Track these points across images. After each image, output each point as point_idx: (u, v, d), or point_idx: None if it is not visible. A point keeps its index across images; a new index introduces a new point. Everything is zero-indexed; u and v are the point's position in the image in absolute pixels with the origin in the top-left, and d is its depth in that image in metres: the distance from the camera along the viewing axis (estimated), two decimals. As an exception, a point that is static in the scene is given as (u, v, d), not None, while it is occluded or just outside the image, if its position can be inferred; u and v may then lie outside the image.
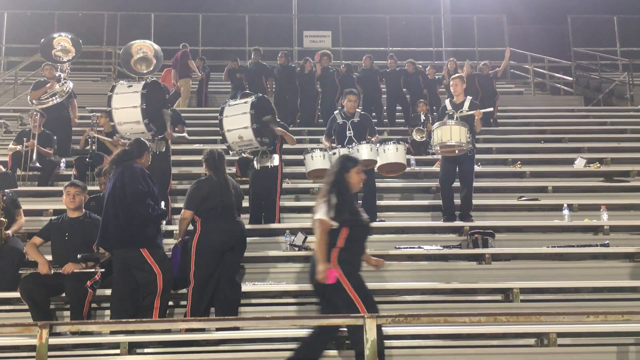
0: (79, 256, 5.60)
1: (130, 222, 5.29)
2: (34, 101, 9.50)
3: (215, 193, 5.63)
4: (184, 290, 5.63)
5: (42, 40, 9.96)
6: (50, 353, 4.02)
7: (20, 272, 6.16)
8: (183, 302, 5.72)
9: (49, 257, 5.80)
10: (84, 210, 5.99)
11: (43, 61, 14.38)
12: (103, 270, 5.72)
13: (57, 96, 9.49)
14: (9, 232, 6.21)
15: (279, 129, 7.31)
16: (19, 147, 8.57)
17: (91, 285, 5.56)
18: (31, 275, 5.65)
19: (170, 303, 5.71)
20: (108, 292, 5.70)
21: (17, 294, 5.63)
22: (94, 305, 5.82)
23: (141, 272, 5.32)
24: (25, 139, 8.68)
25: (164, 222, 5.72)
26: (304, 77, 12.05)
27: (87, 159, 8.53)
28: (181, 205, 7.66)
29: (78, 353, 5.14)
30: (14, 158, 8.62)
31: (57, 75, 9.71)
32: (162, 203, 5.81)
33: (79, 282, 5.52)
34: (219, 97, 13.97)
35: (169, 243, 6.56)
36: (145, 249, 5.29)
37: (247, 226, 6.45)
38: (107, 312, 5.65)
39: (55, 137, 9.54)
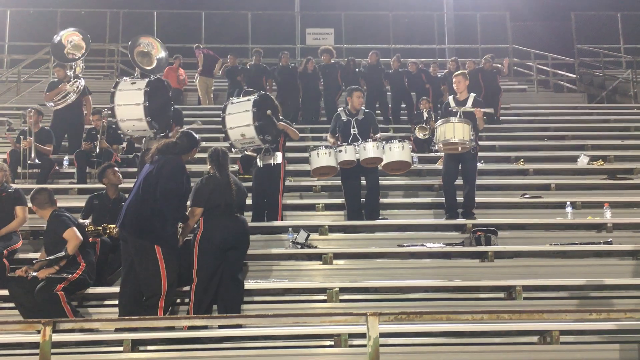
0: (34, 261, 5.55)
1: (151, 215, 5.25)
2: (50, 103, 9.54)
3: (219, 191, 5.64)
4: (187, 288, 5.64)
5: (53, 42, 9.89)
6: (53, 350, 4.02)
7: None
8: (186, 300, 5.73)
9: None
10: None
11: (46, 59, 14.51)
12: (82, 264, 5.62)
13: (70, 96, 9.52)
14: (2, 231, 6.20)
15: (282, 123, 7.31)
16: (23, 144, 8.57)
17: (63, 288, 5.42)
18: (16, 278, 5.57)
19: (180, 301, 5.73)
20: (110, 289, 5.72)
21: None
22: (94, 302, 5.83)
23: (144, 266, 5.24)
24: (22, 137, 8.69)
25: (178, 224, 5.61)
26: (306, 76, 12.05)
27: (93, 156, 8.54)
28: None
29: (82, 350, 5.15)
30: (12, 156, 8.62)
31: (68, 74, 9.74)
32: None
33: (45, 292, 5.35)
34: (221, 95, 13.98)
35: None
36: (158, 247, 5.24)
37: (250, 224, 6.43)
38: (109, 309, 5.66)
39: (65, 135, 9.63)
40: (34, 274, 5.51)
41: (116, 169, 6.72)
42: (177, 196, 5.35)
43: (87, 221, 6.31)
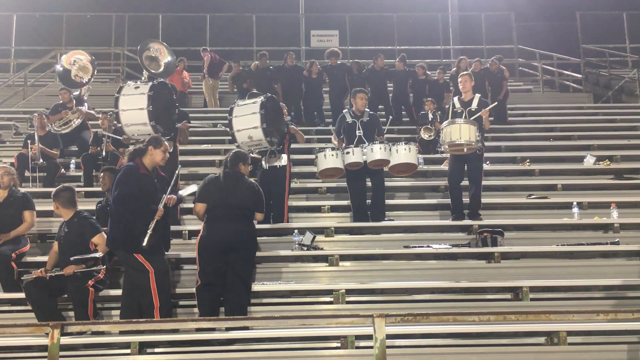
0: (71, 259, 5.60)
1: (118, 225, 5.35)
2: (53, 125, 9.58)
3: (219, 192, 5.70)
4: (192, 290, 5.66)
5: (57, 70, 9.92)
6: (61, 353, 4.04)
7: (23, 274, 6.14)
8: (191, 302, 5.76)
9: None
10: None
11: (52, 63, 14.57)
12: (104, 267, 5.69)
13: (72, 123, 9.60)
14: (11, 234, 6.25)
15: (292, 127, 7.36)
16: (31, 148, 8.61)
17: (93, 285, 5.56)
18: (33, 280, 5.61)
19: (185, 303, 5.74)
20: (114, 292, 5.74)
21: (26, 295, 5.67)
22: (105, 305, 5.85)
23: (133, 270, 5.37)
24: (29, 141, 8.73)
25: (154, 221, 5.38)
26: (309, 79, 12.05)
27: (100, 160, 8.58)
28: (188, 206, 7.72)
29: (89, 353, 5.17)
30: (20, 159, 8.66)
31: (72, 97, 9.79)
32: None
33: (80, 282, 5.52)
34: (227, 97, 14.00)
35: (177, 243, 6.60)
36: (139, 255, 5.30)
37: (256, 226, 6.44)
38: (116, 311, 5.69)
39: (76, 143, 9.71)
40: (58, 273, 5.56)
41: None
42: (130, 198, 5.33)
43: None
